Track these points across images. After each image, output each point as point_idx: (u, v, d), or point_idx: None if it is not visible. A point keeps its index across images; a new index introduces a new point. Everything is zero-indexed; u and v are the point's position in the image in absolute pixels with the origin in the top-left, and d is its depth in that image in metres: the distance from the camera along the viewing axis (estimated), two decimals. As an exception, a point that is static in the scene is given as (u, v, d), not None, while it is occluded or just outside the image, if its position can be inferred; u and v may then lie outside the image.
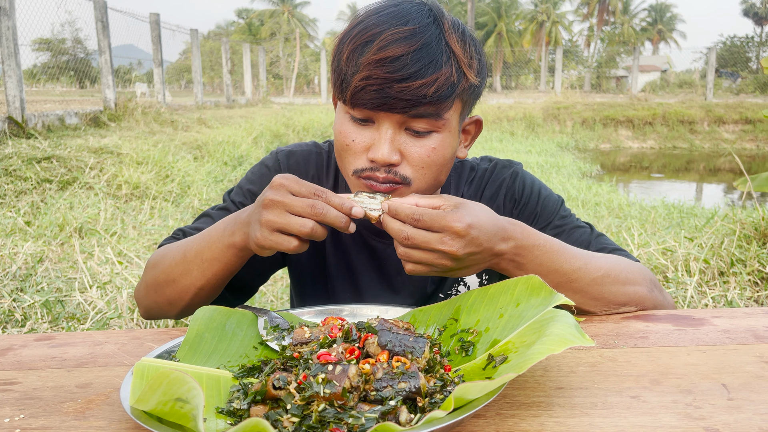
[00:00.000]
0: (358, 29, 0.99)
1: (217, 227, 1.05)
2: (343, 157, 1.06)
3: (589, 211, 6.37)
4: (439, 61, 0.96)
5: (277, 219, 0.90)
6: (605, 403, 0.76)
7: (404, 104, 0.96)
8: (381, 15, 0.99)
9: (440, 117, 1.00)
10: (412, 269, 0.93)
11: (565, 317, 0.78)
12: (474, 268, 0.96)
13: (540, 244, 0.99)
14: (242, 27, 56.83)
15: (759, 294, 3.19)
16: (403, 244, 0.91)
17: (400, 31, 0.96)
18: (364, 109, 0.99)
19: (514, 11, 55.41)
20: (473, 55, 1.02)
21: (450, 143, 1.05)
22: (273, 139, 11.74)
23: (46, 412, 0.78)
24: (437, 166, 1.04)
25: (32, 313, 2.87)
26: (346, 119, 1.04)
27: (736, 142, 17.29)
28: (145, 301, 1.16)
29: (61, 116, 8.59)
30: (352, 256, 1.26)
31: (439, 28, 0.99)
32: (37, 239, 4.32)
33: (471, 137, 1.17)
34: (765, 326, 1.01)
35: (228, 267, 1.04)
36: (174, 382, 0.65)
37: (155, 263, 1.13)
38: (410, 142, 1.01)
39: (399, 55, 0.94)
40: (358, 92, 0.97)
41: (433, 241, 0.89)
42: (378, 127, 1.01)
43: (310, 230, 0.89)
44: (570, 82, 36.25)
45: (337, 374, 0.70)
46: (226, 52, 18.78)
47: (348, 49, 0.99)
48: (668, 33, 61.55)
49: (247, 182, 1.26)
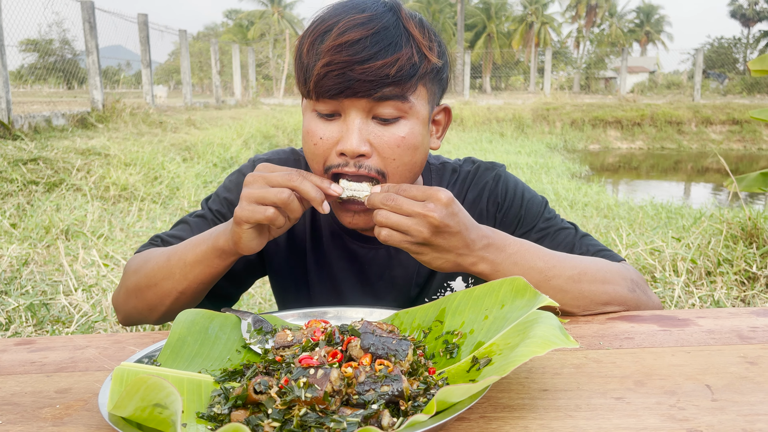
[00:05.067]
0: (316, 23, 1.01)
1: (203, 233, 1.06)
2: (313, 156, 1.04)
3: (578, 212, 6.40)
4: (399, 43, 0.97)
5: (256, 191, 0.93)
6: (589, 405, 0.75)
7: (368, 86, 0.96)
8: (337, 7, 1.01)
9: (406, 99, 1.00)
10: (387, 236, 0.93)
11: (550, 319, 0.77)
12: (445, 258, 0.96)
13: (511, 243, 1.01)
14: (231, 28, 56.64)
15: (745, 294, 3.21)
16: (386, 207, 0.92)
17: (357, 17, 0.97)
18: (329, 99, 0.99)
19: (503, 13, 55.57)
20: (432, 39, 1.03)
21: (419, 131, 1.04)
22: (263, 140, 11.70)
23: (24, 418, 0.77)
24: (409, 155, 1.03)
25: (16, 316, 2.84)
26: (312, 117, 1.04)
27: (724, 142, 17.43)
28: (125, 306, 1.15)
29: (48, 117, 8.52)
30: (333, 262, 1.24)
31: (396, 15, 1.00)
32: (22, 241, 4.28)
33: (442, 127, 1.16)
34: (749, 327, 1.01)
35: (210, 270, 1.04)
36: (152, 387, 0.64)
37: (136, 268, 1.12)
38: (379, 131, 1.01)
39: (358, 39, 0.95)
40: (321, 80, 0.97)
41: (417, 204, 0.91)
42: (344, 118, 1.01)
43: (286, 197, 0.92)
44: (559, 83, 36.45)
45: (318, 378, 0.70)
46: (215, 52, 18.70)
47: (308, 41, 1.00)
48: (656, 35, 61.98)
49: (224, 190, 1.25)
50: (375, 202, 0.94)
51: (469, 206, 1.24)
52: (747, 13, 55.93)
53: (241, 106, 18.77)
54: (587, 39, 58.21)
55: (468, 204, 1.24)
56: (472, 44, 52.72)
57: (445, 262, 0.97)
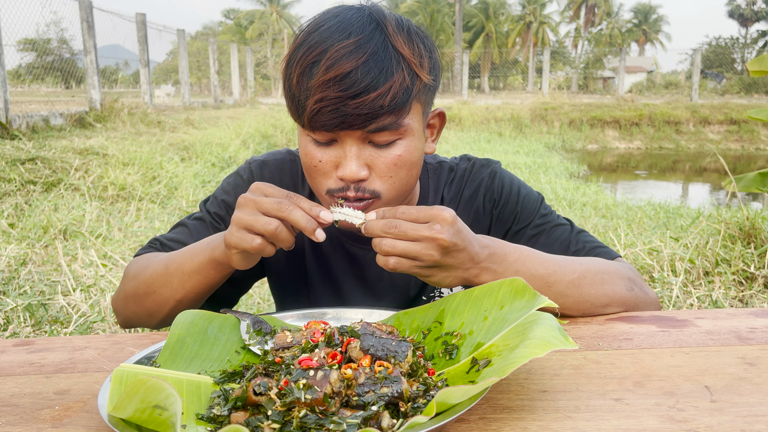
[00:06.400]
0: (303, 50, 0.97)
1: (202, 242, 1.05)
2: (313, 177, 1.04)
3: (576, 211, 6.40)
4: (390, 68, 0.94)
5: (245, 216, 0.91)
6: (588, 406, 0.76)
7: (363, 119, 0.94)
8: (323, 31, 0.96)
9: (400, 125, 0.98)
10: (396, 264, 0.90)
11: (549, 320, 0.77)
12: (453, 275, 0.95)
13: (511, 250, 1.01)
14: (230, 27, 56.58)
15: (743, 294, 3.22)
16: (390, 234, 0.89)
17: (345, 45, 0.93)
18: (324, 131, 0.97)
19: (502, 12, 55.59)
20: (423, 54, 1.00)
21: (416, 146, 1.04)
22: (261, 140, 11.69)
23: (23, 419, 0.77)
24: (405, 171, 1.03)
25: (14, 316, 2.84)
26: (308, 141, 1.02)
27: (722, 142, 17.46)
28: (124, 311, 1.15)
29: (45, 117, 8.51)
30: (333, 263, 1.24)
31: (383, 33, 0.97)
32: (20, 241, 4.27)
33: (437, 130, 1.15)
34: (748, 327, 1.02)
35: (207, 281, 1.04)
36: (151, 389, 0.64)
37: (135, 274, 1.12)
38: (376, 154, 1.00)
39: (348, 71, 0.92)
40: (315, 115, 0.95)
41: (422, 228, 0.89)
42: (342, 145, 0.99)
43: (274, 229, 0.90)
44: (557, 83, 36.46)
45: (318, 379, 0.70)
46: (213, 52, 18.68)
47: (296, 73, 0.96)
48: (654, 34, 62.03)
49: (222, 192, 1.25)
50: (375, 230, 0.91)
51: (466, 203, 1.24)
52: (745, 13, 56.03)
53: (239, 105, 18.75)
54: (585, 39, 58.25)
55: (464, 201, 1.24)
56: (471, 44, 52.78)
57: (453, 279, 0.95)
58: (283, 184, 1.23)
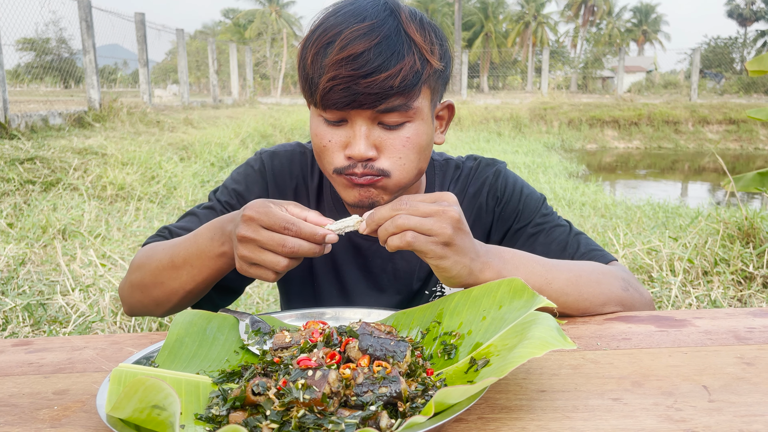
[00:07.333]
0: (318, 32, 1.01)
1: (203, 235, 1.04)
2: (322, 157, 1.07)
3: (575, 211, 6.40)
4: (401, 52, 0.98)
5: (252, 255, 0.92)
6: (587, 406, 0.76)
7: (373, 98, 0.97)
8: (339, 15, 1.01)
9: (410, 107, 1.01)
10: (413, 239, 0.89)
11: (547, 320, 0.78)
12: (463, 262, 0.93)
13: (506, 250, 1.03)
14: (229, 27, 56.54)
15: (742, 293, 3.22)
16: (401, 210, 0.90)
17: (359, 27, 0.97)
18: (335, 110, 1.00)
19: (501, 11, 55.59)
20: (434, 41, 1.04)
21: (424, 130, 1.06)
22: (261, 140, 11.69)
23: (21, 419, 0.77)
24: (414, 153, 1.05)
25: (13, 316, 2.83)
26: (320, 122, 1.05)
27: (720, 142, 17.47)
28: (130, 299, 1.16)
29: (44, 117, 8.50)
30: (338, 255, 1.26)
31: (396, 19, 1.00)
32: (19, 241, 4.27)
33: (445, 122, 1.18)
34: (746, 327, 1.02)
35: (219, 273, 1.06)
36: (150, 389, 0.64)
37: (141, 264, 1.13)
38: (385, 135, 1.03)
39: (361, 52, 0.96)
40: (327, 93, 0.98)
41: (432, 204, 0.91)
42: (351, 125, 1.02)
43: (285, 267, 0.91)
44: (556, 83, 36.49)
45: (317, 379, 0.70)
46: (212, 52, 18.67)
47: (311, 53, 1.00)
48: (653, 34, 62.06)
49: (232, 182, 1.26)
50: (383, 213, 0.91)
51: (470, 200, 1.26)
52: (744, 12, 56.08)
53: (238, 105, 18.74)
54: (584, 38, 58.27)
55: (468, 198, 1.26)
56: (470, 43, 52.77)
57: (462, 268, 0.94)
58: (292, 176, 1.26)
